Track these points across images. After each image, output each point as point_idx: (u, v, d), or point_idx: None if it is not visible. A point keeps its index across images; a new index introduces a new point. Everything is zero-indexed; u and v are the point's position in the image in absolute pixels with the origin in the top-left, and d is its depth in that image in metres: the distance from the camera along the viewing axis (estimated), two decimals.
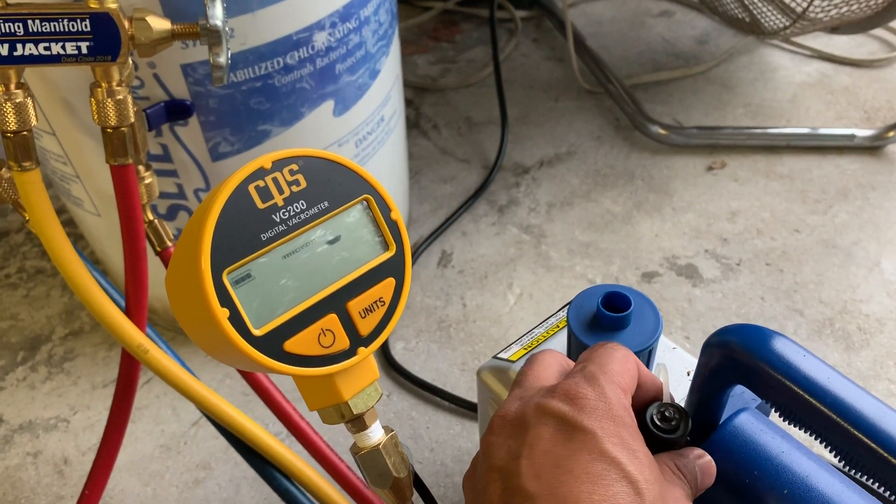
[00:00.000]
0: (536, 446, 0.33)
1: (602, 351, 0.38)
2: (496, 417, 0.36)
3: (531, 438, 0.34)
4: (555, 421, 0.34)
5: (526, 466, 0.33)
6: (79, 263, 0.56)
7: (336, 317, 0.34)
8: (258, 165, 0.33)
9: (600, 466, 0.32)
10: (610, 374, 0.36)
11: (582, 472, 0.32)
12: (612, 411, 0.34)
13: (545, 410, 0.34)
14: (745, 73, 1.25)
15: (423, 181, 1.10)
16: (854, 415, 0.38)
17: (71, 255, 0.55)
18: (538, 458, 0.33)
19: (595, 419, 0.33)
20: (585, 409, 0.34)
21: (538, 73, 1.30)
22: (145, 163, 0.62)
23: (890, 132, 1.07)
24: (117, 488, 0.76)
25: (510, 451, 0.34)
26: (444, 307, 0.92)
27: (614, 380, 0.36)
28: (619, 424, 0.34)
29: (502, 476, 0.33)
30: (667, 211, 1.02)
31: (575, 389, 0.35)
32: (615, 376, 0.36)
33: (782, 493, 0.44)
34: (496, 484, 0.33)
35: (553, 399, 0.35)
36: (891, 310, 0.87)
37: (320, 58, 0.67)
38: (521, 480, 0.32)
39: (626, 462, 0.32)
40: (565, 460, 0.32)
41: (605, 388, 0.35)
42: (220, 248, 0.31)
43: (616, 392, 0.35)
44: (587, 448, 0.32)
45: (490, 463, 0.35)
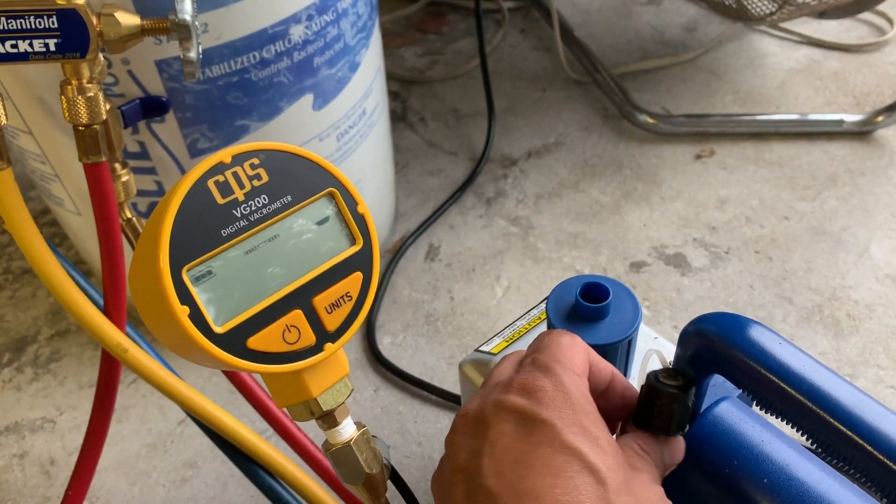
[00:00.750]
0: (497, 444, 0.33)
1: (548, 339, 0.37)
2: (458, 417, 0.36)
3: (492, 436, 0.33)
4: (514, 416, 0.33)
5: (487, 465, 0.32)
6: (54, 263, 0.55)
7: (301, 312, 0.34)
8: (217, 160, 0.32)
9: (561, 459, 0.32)
10: (562, 361, 0.36)
11: (543, 466, 0.31)
12: (571, 400, 0.34)
13: (503, 406, 0.34)
14: (733, 60, 1.25)
15: (411, 174, 1.09)
16: (829, 402, 0.38)
17: (46, 254, 0.55)
18: (499, 455, 0.32)
19: (554, 410, 0.33)
20: (543, 401, 0.33)
21: (526, 64, 1.29)
22: (122, 160, 0.61)
23: (879, 117, 1.07)
24: (104, 488, 0.76)
25: (472, 451, 0.34)
26: (432, 301, 0.91)
27: (567, 365, 0.35)
28: (579, 412, 0.33)
29: (466, 476, 0.33)
30: (655, 200, 1.01)
31: (531, 382, 0.34)
32: (567, 362, 0.36)
33: (762, 482, 0.44)
34: (460, 485, 0.33)
35: (510, 394, 0.34)
36: (880, 296, 0.87)
37: (297, 51, 0.66)
38: (484, 479, 0.32)
39: (587, 452, 0.32)
40: (526, 455, 0.32)
41: (562, 377, 0.34)
42: (178, 245, 0.31)
43: (573, 379, 0.35)
44: (547, 441, 0.32)
45: (454, 463, 0.34)
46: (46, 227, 1.04)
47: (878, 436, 0.36)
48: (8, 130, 0.70)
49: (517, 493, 0.31)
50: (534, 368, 0.36)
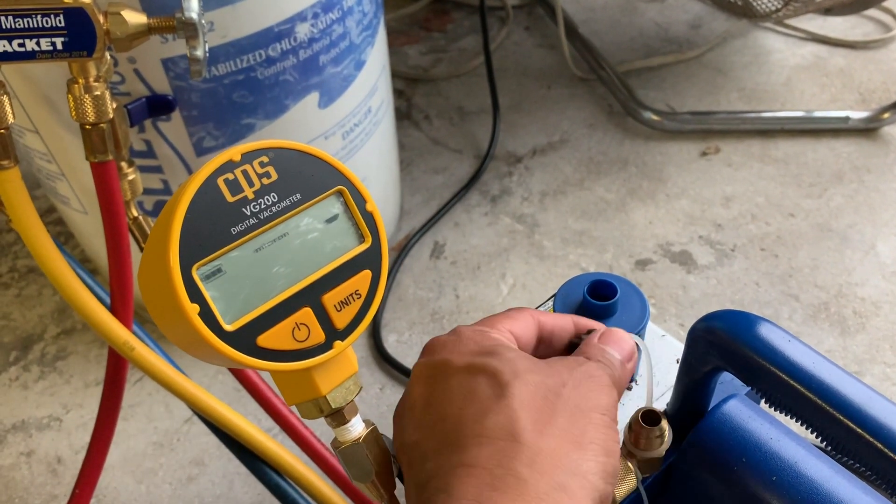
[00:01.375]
0: (410, 405, 0.34)
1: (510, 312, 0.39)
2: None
3: (409, 400, 0.35)
4: (424, 372, 0.35)
5: (408, 424, 0.34)
6: (62, 261, 0.55)
7: (311, 310, 0.34)
8: (227, 158, 0.32)
9: (459, 380, 0.33)
10: (481, 324, 0.37)
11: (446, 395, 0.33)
12: (462, 338, 0.35)
13: (417, 372, 0.35)
14: (738, 58, 1.25)
15: (415, 172, 1.09)
16: (839, 400, 0.38)
17: (53, 253, 0.55)
18: (416, 412, 0.34)
19: (446, 352, 0.35)
20: (436, 350, 0.35)
21: (530, 61, 1.29)
22: (128, 159, 0.61)
23: (885, 114, 1.06)
24: (111, 486, 0.76)
25: (398, 419, 0.35)
26: (437, 299, 0.91)
27: (478, 325, 0.36)
28: (472, 342, 0.34)
29: (402, 447, 0.34)
30: (660, 197, 1.01)
31: (433, 341, 0.36)
32: (482, 323, 0.37)
33: (771, 479, 0.44)
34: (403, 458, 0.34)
35: (420, 359, 0.36)
36: (886, 293, 0.87)
37: (303, 49, 0.66)
38: (406, 437, 0.34)
39: (481, 362, 0.33)
40: (434, 397, 0.33)
41: (459, 329, 0.36)
42: (188, 243, 0.31)
43: (472, 328, 0.36)
44: (445, 375, 0.33)
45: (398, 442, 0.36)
46: (52, 225, 1.04)
47: (888, 432, 0.36)
48: (14, 129, 0.70)
49: (431, 426, 0.32)
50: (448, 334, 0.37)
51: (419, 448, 0.33)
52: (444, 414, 0.32)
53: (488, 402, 0.31)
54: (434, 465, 0.31)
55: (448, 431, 0.32)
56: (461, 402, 0.32)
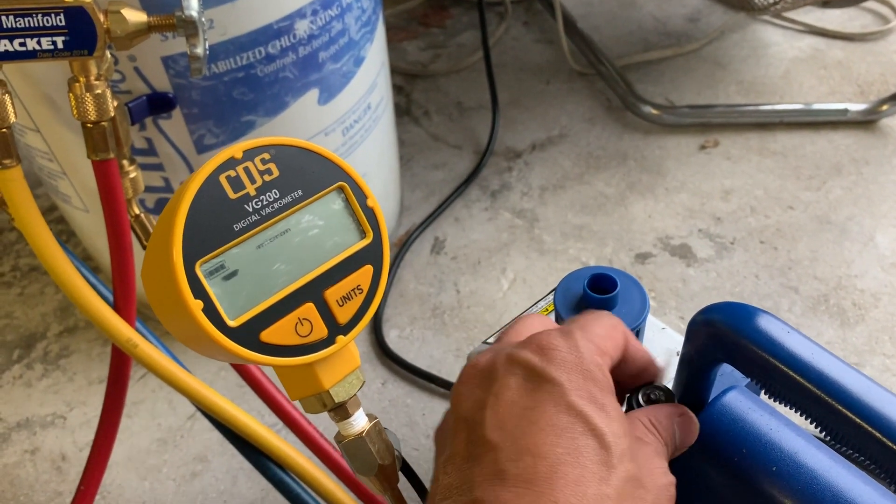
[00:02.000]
0: (502, 396, 0.32)
1: (589, 315, 0.37)
2: (467, 367, 0.36)
3: (497, 388, 0.33)
4: (522, 370, 0.33)
5: (490, 416, 0.32)
6: (65, 259, 0.56)
7: (313, 305, 0.34)
8: (229, 155, 0.32)
9: (566, 419, 0.31)
10: (589, 333, 0.35)
11: (546, 423, 0.31)
12: (583, 364, 0.33)
13: (514, 360, 0.34)
14: (737, 51, 1.25)
15: (415, 168, 1.09)
16: (839, 390, 0.38)
17: (56, 251, 0.55)
18: (503, 408, 0.32)
19: (563, 371, 0.33)
20: (555, 361, 0.33)
21: (529, 56, 1.29)
22: (129, 157, 0.61)
23: (883, 106, 1.06)
24: (115, 483, 0.76)
25: (476, 401, 0.33)
26: (438, 294, 0.92)
27: (593, 339, 0.35)
28: (589, 379, 0.33)
29: (468, 426, 0.33)
30: (660, 191, 1.01)
31: (547, 341, 0.34)
32: (595, 337, 0.35)
33: (771, 470, 0.44)
34: (462, 434, 0.33)
35: (524, 350, 0.34)
36: (885, 284, 0.87)
37: (303, 46, 0.66)
38: (485, 430, 0.32)
39: (592, 415, 0.32)
40: (530, 411, 0.32)
41: (579, 343, 0.34)
42: (192, 239, 0.31)
43: (590, 348, 0.34)
44: (553, 399, 0.32)
45: (457, 413, 0.34)
46: (53, 223, 1.04)
47: (887, 423, 0.36)
48: (15, 128, 0.70)
49: (518, 447, 0.30)
50: (556, 331, 0.35)
51: (491, 448, 0.31)
52: (536, 443, 0.31)
53: (591, 472, 0.30)
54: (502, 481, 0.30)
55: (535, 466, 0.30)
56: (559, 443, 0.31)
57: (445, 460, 0.33)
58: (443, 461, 0.34)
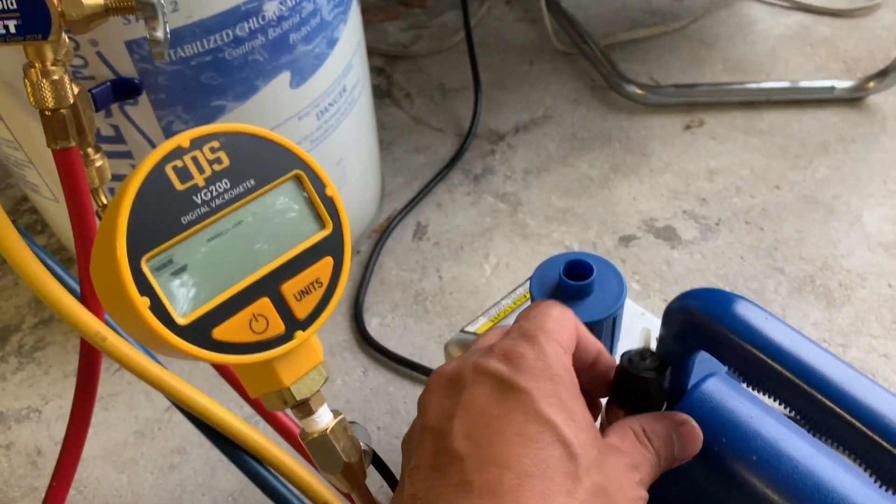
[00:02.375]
0: (470, 406, 0.32)
1: (538, 310, 0.36)
2: (433, 376, 0.35)
3: (465, 398, 0.32)
4: (490, 380, 0.32)
5: (458, 427, 0.31)
6: (27, 252, 0.54)
7: (269, 301, 0.32)
8: (175, 145, 0.31)
9: (533, 428, 0.31)
10: (548, 331, 0.35)
11: (514, 433, 0.30)
12: (551, 370, 0.33)
13: (481, 369, 0.33)
14: (722, 28, 1.23)
15: (397, 152, 1.08)
16: (817, 379, 0.37)
17: (18, 243, 0.53)
18: (471, 418, 0.32)
19: (532, 378, 0.32)
20: (523, 369, 0.32)
21: (512, 36, 1.27)
22: (94, 145, 0.59)
23: (870, 83, 1.05)
24: (91, 477, 0.75)
25: (443, 411, 0.33)
26: (420, 280, 0.90)
27: (553, 337, 0.34)
28: (558, 384, 0.33)
29: (434, 436, 0.32)
30: (644, 173, 1.00)
31: (512, 348, 0.33)
32: (553, 334, 0.35)
33: (751, 459, 0.43)
34: (428, 443, 0.32)
35: (490, 358, 0.33)
36: (872, 264, 0.86)
37: (272, 28, 0.64)
38: (452, 441, 0.31)
39: (560, 424, 0.31)
40: (498, 420, 0.31)
41: (545, 347, 0.33)
42: (136, 234, 0.30)
43: (556, 350, 0.34)
44: (522, 408, 0.31)
45: (423, 422, 0.33)
46: (28, 214, 1.02)
47: (866, 412, 0.35)
48: None
49: (484, 458, 0.30)
50: (518, 336, 0.35)
51: (457, 459, 0.31)
52: (503, 453, 0.30)
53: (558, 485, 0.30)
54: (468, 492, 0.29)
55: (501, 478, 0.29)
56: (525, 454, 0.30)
57: (411, 469, 0.33)
58: (409, 470, 0.33)
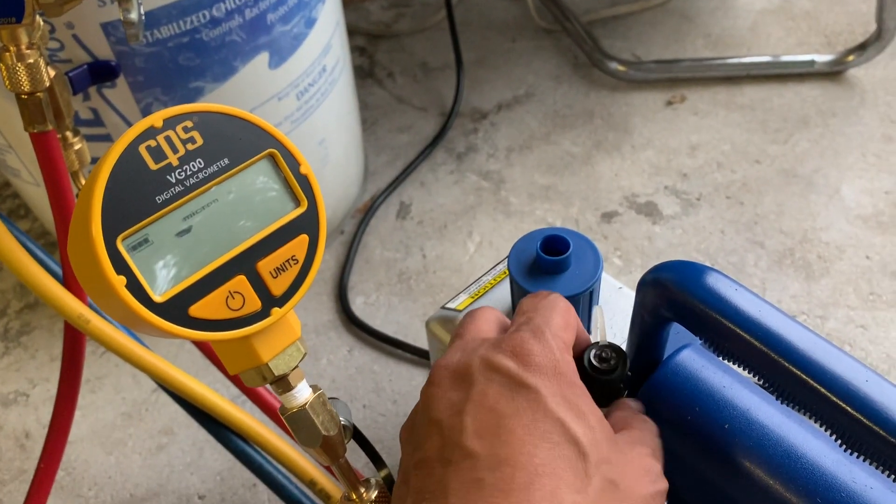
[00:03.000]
0: (480, 402, 0.32)
1: (546, 302, 0.37)
2: (438, 368, 0.35)
3: (475, 394, 0.32)
4: (500, 377, 0.33)
5: (468, 422, 0.32)
6: (7, 235, 0.54)
7: (245, 278, 0.33)
8: (148, 125, 0.31)
9: (543, 427, 0.31)
10: (554, 327, 0.35)
11: (525, 432, 0.31)
12: (559, 368, 0.33)
13: (491, 365, 0.33)
14: (704, 3, 1.23)
15: (380, 131, 1.08)
16: (784, 346, 0.38)
17: None
18: (482, 415, 0.32)
19: (541, 377, 0.33)
20: (532, 366, 0.33)
21: (494, 14, 1.26)
22: (73, 128, 0.60)
23: (849, 56, 1.06)
24: (80, 458, 0.75)
25: (452, 405, 0.33)
26: (404, 259, 0.91)
27: (559, 334, 0.35)
28: (566, 383, 0.33)
29: (442, 430, 0.32)
30: (626, 149, 1.01)
31: (521, 345, 0.34)
32: (559, 330, 0.35)
33: (723, 427, 0.44)
34: (435, 437, 0.32)
35: (499, 353, 0.34)
36: (850, 236, 0.87)
37: (249, 8, 0.64)
38: (463, 437, 0.31)
39: (570, 422, 0.31)
40: (508, 419, 0.31)
41: (552, 344, 0.34)
42: (111, 214, 0.30)
43: (561, 347, 0.34)
44: (531, 407, 0.32)
45: (430, 415, 0.34)
46: (10, 199, 1.02)
47: (829, 376, 0.36)
48: None
49: (495, 456, 0.30)
50: (527, 332, 0.35)
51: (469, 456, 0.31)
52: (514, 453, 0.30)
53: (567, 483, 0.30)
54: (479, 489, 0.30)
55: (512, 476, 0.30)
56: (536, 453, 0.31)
57: (417, 463, 0.33)
58: (414, 463, 0.33)
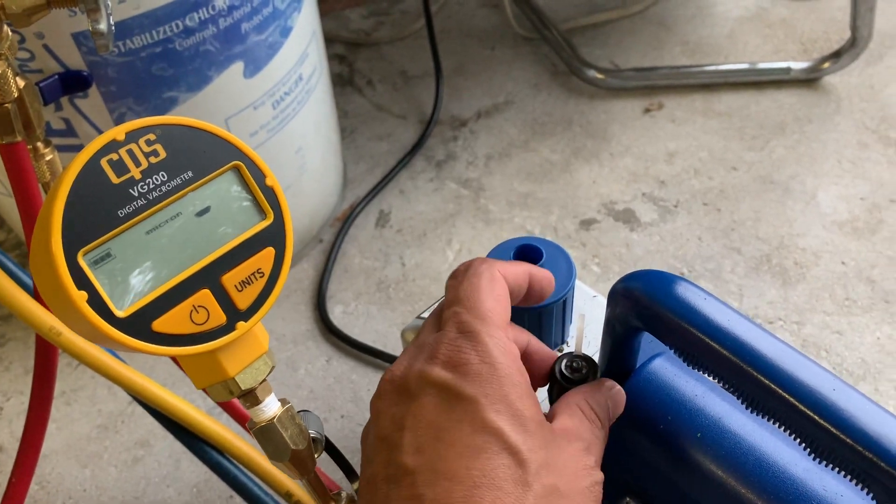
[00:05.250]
0: (419, 416, 0.32)
1: (467, 285, 0.36)
2: (383, 381, 0.35)
3: (414, 408, 0.33)
4: (437, 390, 0.33)
5: (408, 439, 0.32)
6: None
7: (209, 292, 0.33)
8: (110, 138, 0.31)
9: (481, 439, 0.31)
10: (486, 317, 0.34)
11: (462, 445, 0.31)
12: (498, 372, 0.33)
13: (427, 379, 0.33)
14: (682, 11, 1.24)
15: (359, 139, 1.08)
16: (753, 356, 0.38)
17: None
18: (420, 429, 0.32)
19: (478, 385, 0.32)
20: (468, 376, 0.32)
21: (474, 22, 1.27)
22: (44, 139, 0.59)
23: (825, 63, 1.07)
24: (55, 472, 0.75)
25: (394, 421, 0.33)
26: (383, 268, 0.90)
27: (493, 321, 0.34)
28: (506, 385, 0.33)
29: (387, 447, 0.33)
30: (604, 156, 1.01)
31: (456, 355, 0.33)
32: (492, 317, 0.34)
33: (696, 436, 0.44)
34: (382, 453, 0.33)
35: (435, 366, 0.33)
36: (826, 242, 0.88)
37: (223, 18, 0.64)
38: (402, 455, 0.31)
39: (507, 431, 0.31)
40: (447, 433, 0.31)
41: (488, 345, 0.33)
42: (72, 229, 0.30)
43: (499, 344, 0.34)
44: (469, 419, 0.31)
45: (376, 431, 0.34)
46: None
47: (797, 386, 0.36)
48: None
49: (434, 471, 0.30)
50: (458, 336, 0.34)
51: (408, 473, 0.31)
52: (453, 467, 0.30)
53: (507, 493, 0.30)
54: None
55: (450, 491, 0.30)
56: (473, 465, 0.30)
57: (368, 479, 0.33)
58: (366, 479, 0.33)
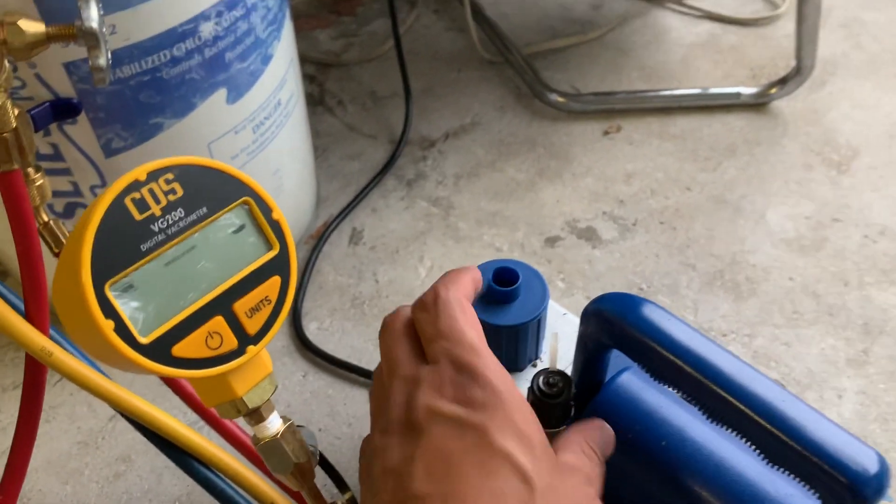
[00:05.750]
0: (429, 448, 0.34)
1: (444, 318, 0.38)
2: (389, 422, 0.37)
3: (424, 441, 0.34)
4: (446, 421, 0.35)
5: (420, 468, 0.34)
6: None
7: (223, 318, 0.36)
8: (133, 178, 0.34)
9: (491, 462, 0.33)
10: (475, 348, 0.37)
11: (472, 468, 0.33)
12: (503, 401, 0.35)
13: (437, 413, 0.35)
14: (638, 37, 1.30)
15: (332, 159, 1.10)
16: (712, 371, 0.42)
17: None
18: (431, 459, 0.34)
19: (487, 414, 0.34)
20: (476, 406, 0.35)
21: (441, 44, 1.31)
22: (34, 164, 0.61)
23: (772, 89, 1.13)
24: (35, 489, 0.76)
25: (403, 453, 0.35)
26: (357, 284, 0.93)
27: (482, 351, 0.36)
28: (512, 410, 0.35)
29: (395, 478, 0.34)
30: (567, 177, 1.05)
31: (462, 392, 0.35)
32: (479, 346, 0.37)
33: (661, 445, 0.48)
34: (390, 485, 0.35)
35: (440, 400, 0.35)
36: (775, 259, 0.94)
37: (208, 48, 0.66)
38: (413, 483, 0.33)
39: (515, 453, 0.33)
40: (458, 459, 0.33)
41: (489, 378, 0.36)
42: (100, 262, 0.32)
43: (497, 375, 0.36)
44: (479, 444, 0.33)
45: (383, 465, 0.36)
46: None
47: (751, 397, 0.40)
48: None
49: (443, 494, 0.32)
50: (456, 374, 0.36)
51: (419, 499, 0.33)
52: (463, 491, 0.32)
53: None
54: None
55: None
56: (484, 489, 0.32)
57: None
58: None
